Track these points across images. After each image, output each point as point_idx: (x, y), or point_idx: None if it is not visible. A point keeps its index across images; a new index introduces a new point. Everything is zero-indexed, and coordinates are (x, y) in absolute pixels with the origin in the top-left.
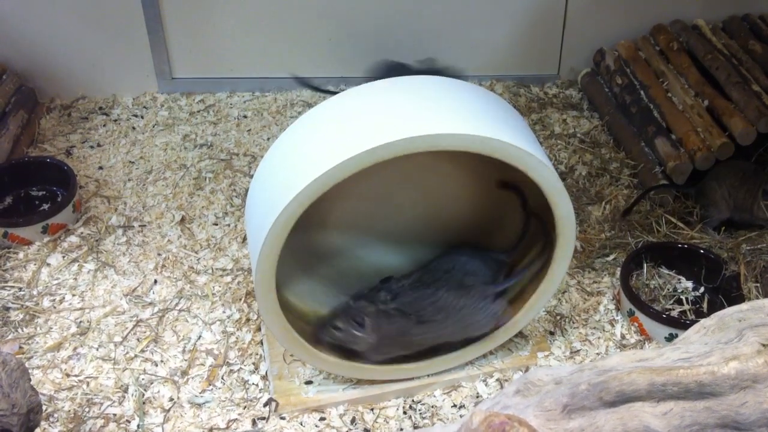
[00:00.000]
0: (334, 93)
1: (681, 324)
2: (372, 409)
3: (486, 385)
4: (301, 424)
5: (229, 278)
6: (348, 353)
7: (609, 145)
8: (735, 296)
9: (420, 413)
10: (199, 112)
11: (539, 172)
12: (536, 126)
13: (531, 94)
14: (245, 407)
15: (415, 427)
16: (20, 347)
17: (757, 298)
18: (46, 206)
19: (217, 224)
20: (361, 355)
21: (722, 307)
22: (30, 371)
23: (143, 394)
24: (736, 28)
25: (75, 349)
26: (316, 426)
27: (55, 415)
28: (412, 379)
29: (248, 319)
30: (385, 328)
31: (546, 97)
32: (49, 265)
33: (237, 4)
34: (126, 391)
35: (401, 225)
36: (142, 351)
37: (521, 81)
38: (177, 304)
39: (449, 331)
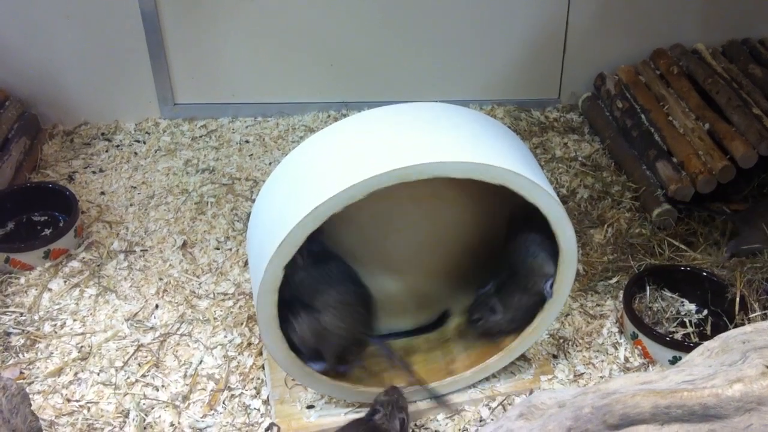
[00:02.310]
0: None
1: (684, 347)
2: None
3: (489, 408)
4: None
5: (230, 302)
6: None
7: (610, 168)
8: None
9: None
10: (201, 137)
11: (541, 198)
12: (537, 150)
13: (532, 118)
14: None
15: None
16: (21, 372)
17: (763, 319)
18: (47, 231)
19: (218, 249)
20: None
21: (726, 329)
22: (31, 396)
23: (144, 419)
24: (736, 52)
25: (76, 374)
26: None
27: None
28: (414, 402)
29: (250, 344)
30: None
31: (547, 121)
32: (50, 290)
33: (239, 30)
34: (127, 416)
35: (403, 252)
36: (143, 376)
37: (522, 105)
38: (178, 329)
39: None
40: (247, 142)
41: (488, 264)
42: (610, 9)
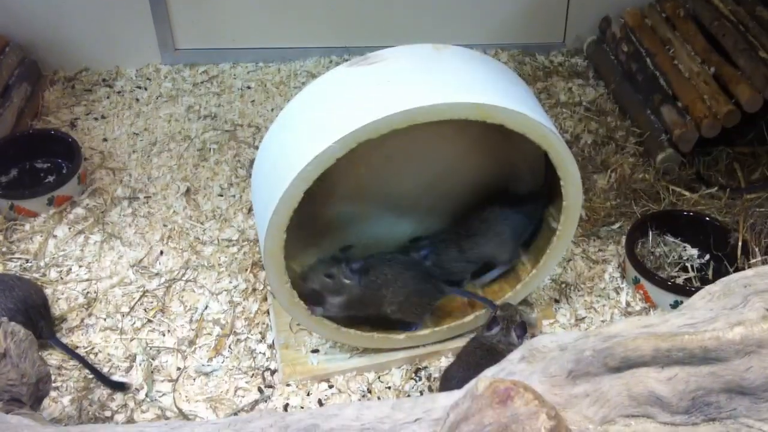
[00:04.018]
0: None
1: (686, 291)
2: (378, 377)
3: None
4: (308, 393)
5: (235, 249)
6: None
7: (615, 113)
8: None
9: (426, 380)
10: (202, 83)
11: (546, 139)
12: (542, 95)
13: (536, 62)
14: (252, 375)
15: (421, 394)
16: None
17: (764, 263)
18: (51, 178)
19: (222, 195)
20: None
21: (728, 273)
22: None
23: (151, 364)
24: None
25: (82, 320)
26: (323, 393)
27: (64, 385)
28: (417, 347)
29: (254, 289)
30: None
31: (551, 66)
32: (55, 236)
33: None
34: (134, 360)
35: (407, 196)
36: (150, 321)
37: (526, 49)
38: (183, 275)
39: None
40: (248, 88)
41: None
42: None
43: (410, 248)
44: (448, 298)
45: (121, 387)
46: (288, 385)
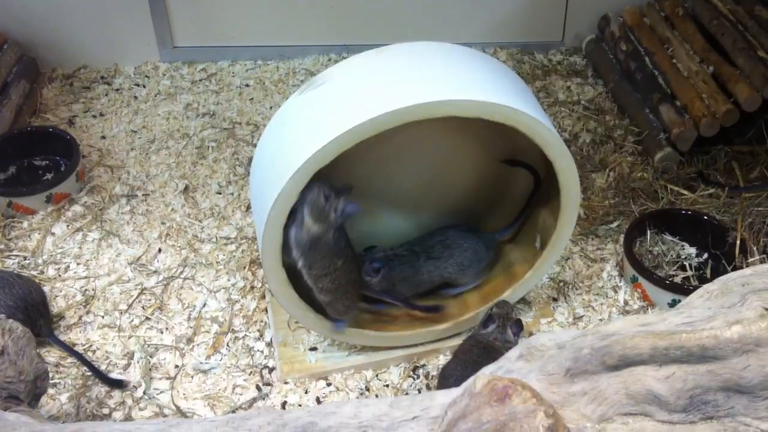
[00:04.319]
0: None
1: (684, 290)
2: (376, 375)
3: None
4: (306, 391)
5: (233, 246)
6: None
7: (613, 112)
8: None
9: (424, 378)
10: (201, 81)
11: (544, 137)
12: (540, 93)
13: (535, 61)
14: (250, 373)
15: (419, 392)
16: None
17: (762, 262)
18: (49, 176)
19: (220, 193)
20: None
21: (726, 272)
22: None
23: (149, 361)
24: None
25: (80, 317)
26: (321, 391)
27: (62, 383)
28: (416, 345)
29: (253, 287)
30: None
31: (550, 64)
32: (53, 234)
33: None
34: (132, 358)
35: (406, 193)
36: (148, 318)
37: (525, 48)
38: (181, 273)
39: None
40: (247, 86)
41: (494, 210)
42: None
43: (364, 257)
44: (444, 299)
45: (118, 384)
46: (286, 383)
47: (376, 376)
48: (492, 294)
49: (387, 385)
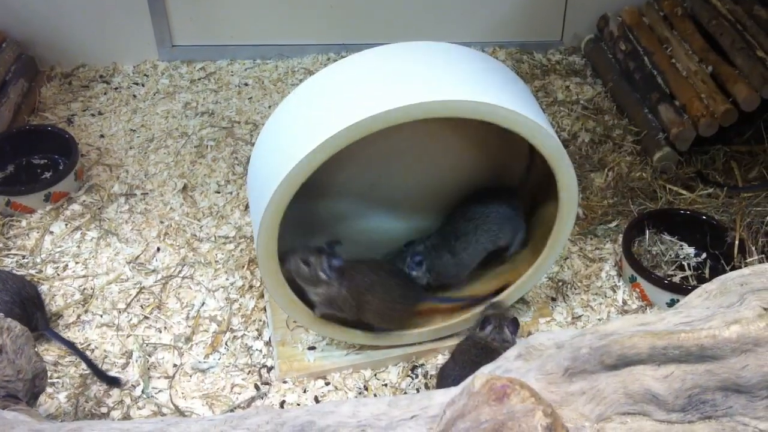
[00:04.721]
0: None
1: (683, 290)
2: (375, 374)
3: None
4: (304, 390)
5: (231, 246)
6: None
7: (612, 111)
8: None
9: (423, 377)
10: (199, 80)
11: (542, 139)
12: (539, 93)
13: (534, 60)
14: (249, 372)
15: (418, 391)
16: None
17: (761, 262)
18: (48, 174)
19: (219, 192)
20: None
21: (724, 272)
22: (35, 338)
23: (147, 360)
24: None
25: (79, 316)
26: (319, 390)
27: (60, 381)
28: (414, 344)
29: (251, 286)
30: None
31: (549, 64)
32: (52, 233)
33: None
34: (130, 357)
35: (402, 193)
36: (146, 318)
37: (524, 47)
38: (180, 272)
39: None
40: (246, 85)
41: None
42: None
43: (405, 253)
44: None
45: (114, 382)
46: (284, 382)
47: (375, 375)
48: (491, 294)
49: (385, 385)
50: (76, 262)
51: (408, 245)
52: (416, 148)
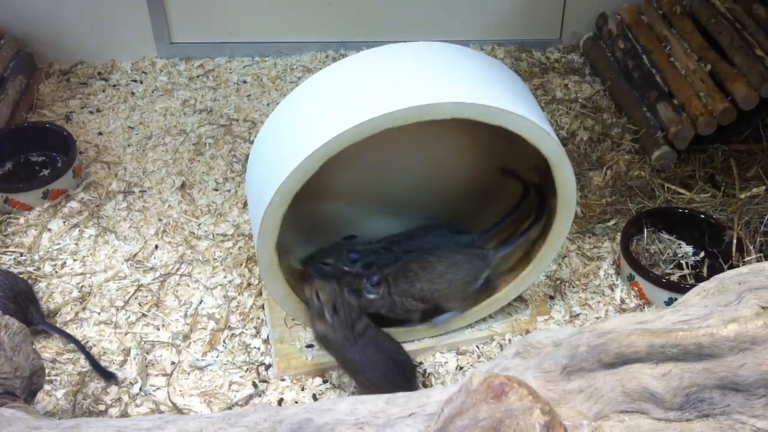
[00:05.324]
0: None
1: (681, 288)
2: None
3: (486, 348)
4: (302, 388)
5: (230, 243)
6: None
7: (611, 110)
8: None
9: (421, 375)
10: (198, 77)
11: (541, 139)
12: (538, 91)
13: (533, 58)
14: (247, 370)
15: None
16: None
17: (758, 261)
18: (46, 172)
19: (217, 190)
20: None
21: (722, 271)
22: (32, 336)
23: (145, 358)
24: None
25: (77, 313)
26: (317, 388)
27: (58, 379)
28: (412, 342)
29: (249, 284)
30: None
31: (548, 62)
32: (50, 230)
33: None
34: (128, 354)
35: (402, 193)
36: (144, 315)
37: (523, 46)
38: (178, 269)
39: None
40: (244, 82)
41: (487, 211)
42: None
43: (343, 246)
44: None
45: (111, 377)
46: (282, 379)
47: None
48: (489, 291)
49: None
50: (74, 260)
51: (347, 239)
52: (417, 148)
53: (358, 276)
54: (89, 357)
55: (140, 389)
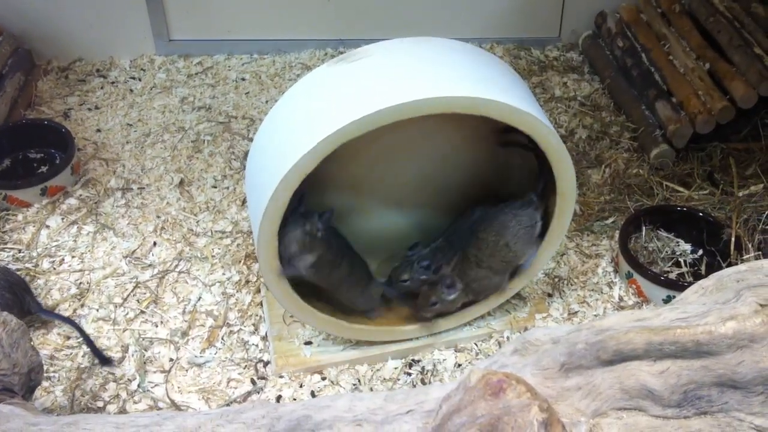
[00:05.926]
0: None
1: (679, 286)
2: (371, 369)
3: (484, 345)
4: (301, 385)
5: (228, 240)
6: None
7: (609, 108)
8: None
9: (419, 373)
10: (197, 74)
11: (541, 134)
12: (537, 89)
13: (532, 57)
14: (245, 367)
15: (414, 386)
16: None
17: (757, 259)
18: (44, 169)
19: (216, 187)
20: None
21: (720, 269)
22: (30, 331)
23: (144, 355)
24: None
25: (75, 310)
26: (315, 385)
27: (56, 375)
28: (411, 339)
29: (248, 281)
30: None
31: (547, 60)
32: (48, 227)
33: None
34: (126, 351)
35: (403, 189)
36: (142, 312)
37: (522, 44)
38: (177, 266)
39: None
40: (243, 79)
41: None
42: None
43: (410, 257)
44: None
45: (108, 362)
46: (281, 376)
47: (371, 370)
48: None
49: (382, 380)
50: (73, 257)
51: (413, 248)
52: (418, 144)
53: (433, 284)
54: (87, 340)
55: (138, 386)
